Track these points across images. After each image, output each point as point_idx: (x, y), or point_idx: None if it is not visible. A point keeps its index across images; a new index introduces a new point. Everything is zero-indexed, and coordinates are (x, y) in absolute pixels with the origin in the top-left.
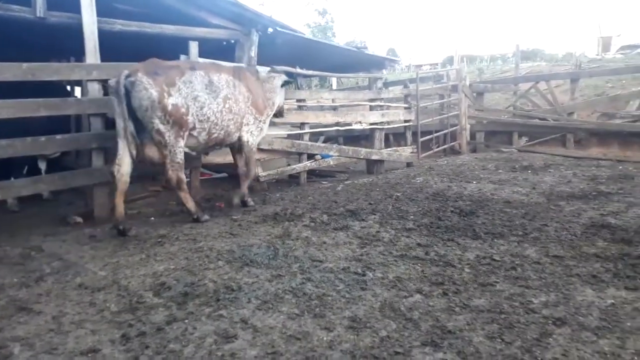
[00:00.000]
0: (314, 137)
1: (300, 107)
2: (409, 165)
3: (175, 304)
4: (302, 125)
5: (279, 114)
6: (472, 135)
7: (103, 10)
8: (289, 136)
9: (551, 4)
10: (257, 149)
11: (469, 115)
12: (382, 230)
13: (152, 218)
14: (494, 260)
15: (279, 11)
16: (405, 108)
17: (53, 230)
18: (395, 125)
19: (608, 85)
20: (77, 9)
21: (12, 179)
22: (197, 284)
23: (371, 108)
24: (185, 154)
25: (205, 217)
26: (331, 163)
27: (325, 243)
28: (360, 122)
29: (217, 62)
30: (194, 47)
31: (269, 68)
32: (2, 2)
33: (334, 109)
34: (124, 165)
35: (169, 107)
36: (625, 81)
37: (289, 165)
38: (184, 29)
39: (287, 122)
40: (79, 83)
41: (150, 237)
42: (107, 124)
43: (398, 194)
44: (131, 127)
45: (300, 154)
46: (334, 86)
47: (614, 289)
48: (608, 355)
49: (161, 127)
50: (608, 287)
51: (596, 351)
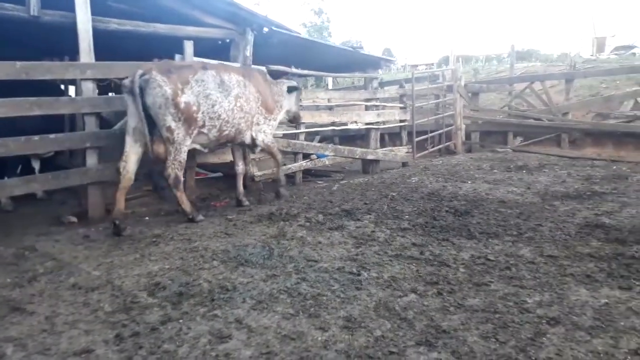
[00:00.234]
0: (310, 136)
1: None
2: (404, 165)
3: (169, 304)
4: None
5: (294, 119)
6: (468, 135)
7: (97, 9)
8: (285, 136)
9: (546, 5)
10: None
11: (464, 115)
12: (377, 230)
13: (147, 218)
14: (489, 260)
15: (274, 10)
16: (401, 108)
17: (47, 230)
18: (391, 125)
19: (602, 85)
20: (71, 8)
21: (5, 178)
22: (192, 283)
23: (367, 108)
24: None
25: (200, 217)
26: (327, 163)
27: (320, 243)
28: (355, 122)
29: (227, 63)
30: (189, 46)
31: (264, 68)
32: None
33: (330, 108)
34: (130, 163)
35: (182, 105)
36: (619, 82)
37: (284, 164)
38: (178, 28)
39: (282, 122)
40: (73, 82)
41: (145, 237)
42: (102, 124)
43: (393, 194)
44: (144, 125)
45: (295, 154)
46: (330, 86)
47: (607, 289)
48: (602, 355)
49: (172, 124)
50: (602, 287)
51: (590, 350)
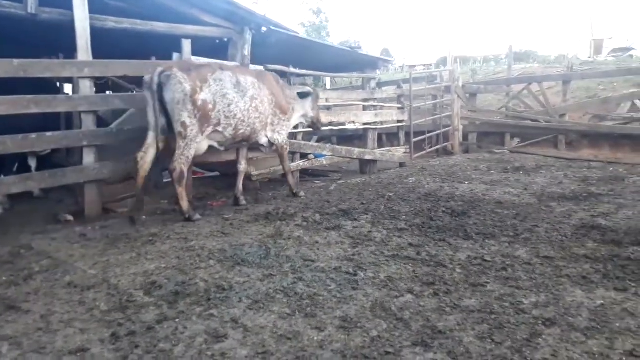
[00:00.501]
0: (307, 136)
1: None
2: (401, 165)
3: (166, 303)
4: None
5: (315, 125)
6: (465, 136)
7: (95, 7)
8: None
9: (544, 6)
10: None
11: (462, 116)
12: (374, 230)
13: (144, 217)
14: (485, 260)
15: (273, 10)
16: (399, 108)
17: (43, 228)
18: (389, 126)
19: (600, 87)
20: (69, 5)
21: (1, 176)
22: (188, 283)
23: (364, 108)
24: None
25: (197, 216)
26: (324, 162)
27: (317, 243)
28: (353, 122)
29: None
30: (187, 45)
31: (262, 67)
32: None
33: (328, 108)
34: (149, 155)
35: (199, 102)
36: (616, 84)
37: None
38: (176, 26)
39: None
40: (70, 80)
41: (142, 236)
42: (99, 122)
43: (390, 194)
44: (163, 121)
45: (293, 153)
46: (328, 86)
47: (603, 290)
48: (597, 356)
49: (187, 120)
50: (598, 288)
51: (585, 352)
